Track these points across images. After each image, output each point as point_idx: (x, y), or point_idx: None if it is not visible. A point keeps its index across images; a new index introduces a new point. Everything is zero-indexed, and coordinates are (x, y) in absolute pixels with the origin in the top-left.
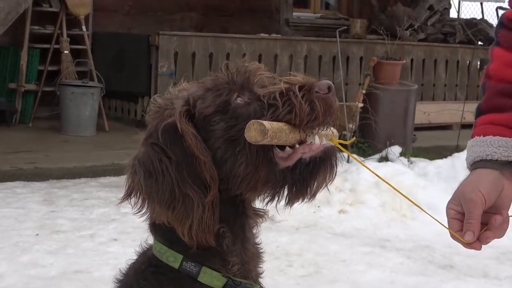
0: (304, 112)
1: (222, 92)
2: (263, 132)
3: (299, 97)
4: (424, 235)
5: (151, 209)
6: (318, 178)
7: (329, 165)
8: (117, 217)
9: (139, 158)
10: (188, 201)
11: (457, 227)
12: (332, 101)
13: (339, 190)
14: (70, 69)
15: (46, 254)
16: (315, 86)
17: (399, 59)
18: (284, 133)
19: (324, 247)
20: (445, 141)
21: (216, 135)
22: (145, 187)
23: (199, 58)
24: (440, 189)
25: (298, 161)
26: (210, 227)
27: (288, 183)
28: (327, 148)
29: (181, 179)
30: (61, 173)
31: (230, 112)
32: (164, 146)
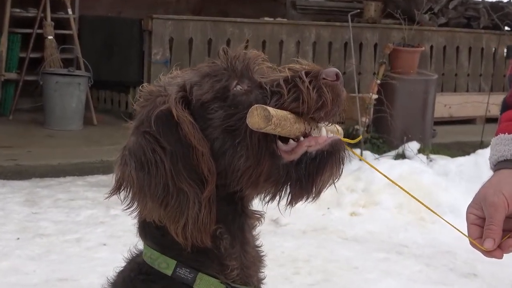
0: (312, 99)
1: (221, 78)
2: (267, 118)
3: (306, 83)
4: (445, 240)
5: (142, 205)
6: (324, 174)
7: (337, 160)
8: (106, 219)
9: (129, 148)
10: (183, 197)
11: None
12: (340, 89)
13: (351, 190)
14: (55, 56)
15: (28, 260)
16: (322, 73)
17: (418, 46)
18: (289, 122)
19: (334, 253)
20: (468, 136)
21: (214, 124)
22: (137, 180)
23: (197, 44)
24: (462, 190)
25: (303, 155)
26: (207, 226)
27: (292, 179)
28: (334, 141)
29: (175, 172)
30: (45, 171)
31: (229, 100)
32: (158, 135)
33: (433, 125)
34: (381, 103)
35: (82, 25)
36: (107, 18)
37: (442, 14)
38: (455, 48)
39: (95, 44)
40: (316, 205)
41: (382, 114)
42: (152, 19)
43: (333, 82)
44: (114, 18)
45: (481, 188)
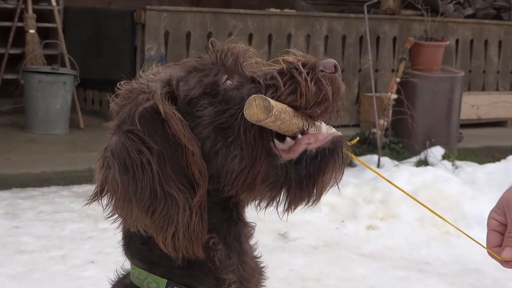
0: (311, 92)
1: (209, 72)
2: (267, 108)
3: (304, 74)
4: (472, 256)
5: (127, 212)
6: (327, 173)
7: (340, 158)
8: (94, 234)
9: (111, 149)
10: (172, 203)
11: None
12: (339, 82)
13: (367, 202)
14: (37, 52)
15: (8, 279)
16: (319, 64)
17: (442, 40)
18: (288, 115)
19: (348, 271)
20: (498, 140)
21: (204, 121)
22: (121, 184)
23: (195, 39)
24: (492, 200)
25: (302, 153)
26: (198, 235)
27: (292, 180)
28: (336, 138)
29: (163, 175)
30: (26, 180)
31: (220, 95)
32: (143, 135)
33: (459, 128)
34: (401, 104)
35: (67, 18)
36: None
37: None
38: (483, 42)
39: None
40: (329, 217)
41: (402, 116)
42: (146, 10)
43: (332, 74)
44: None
45: (505, 193)
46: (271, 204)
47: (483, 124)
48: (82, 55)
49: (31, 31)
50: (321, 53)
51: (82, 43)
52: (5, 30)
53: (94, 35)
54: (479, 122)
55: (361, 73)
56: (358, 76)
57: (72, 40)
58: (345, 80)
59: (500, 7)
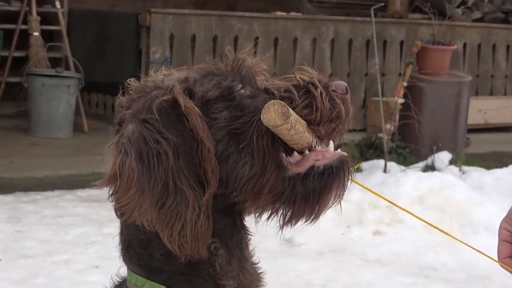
0: (326, 108)
1: (225, 78)
2: (285, 114)
3: (320, 88)
4: (479, 263)
5: (137, 202)
6: (332, 191)
7: (344, 178)
8: (99, 238)
9: (128, 136)
10: (181, 199)
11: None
12: (349, 105)
13: (373, 207)
14: (41, 55)
15: (11, 284)
16: (332, 84)
17: (449, 44)
18: (302, 127)
19: (354, 277)
20: (506, 146)
21: (219, 124)
22: (137, 173)
23: (200, 42)
24: (499, 206)
25: (310, 168)
26: (204, 234)
27: (298, 194)
28: (343, 157)
29: (177, 169)
30: (29, 184)
31: (236, 100)
32: (159, 125)
33: (467, 133)
34: (408, 108)
35: (71, 20)
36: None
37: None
38: (491, 46)
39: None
40: (335, 222)
41: (409, 120)
42: (150, 13)
43: (344, 95)
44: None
45: None
46: (272, 216)
47: (490, 129)
48: (86, 58)
49: (35, 33)
50: (328, 57)
51: (86, 46)
52: (9, 33)
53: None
54: (487, 127)
55: (368, 77)
56: (365, 80)
57: (76, 43)
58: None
59: (508, 11)
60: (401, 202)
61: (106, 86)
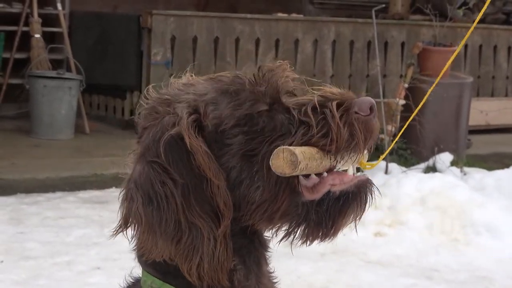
0: (343, 139)
1: (244, 100)
2: (294, 163)
3: (336, 118)
4: (481, 263)
5: (152, 244)
6: (347, 216)
7: (362, 202)
8: (100, 240)
9: (135, 180)
10: (197, 233)
11: None
12: (373, 125)
13: (375, 208)
14: (42, 57)
15: (12, 285)
16: (355, 104)
17: (450, 45)
18: (316, 162)
19: (356, 278)
20: (508, 147)
21: (232, 150)
22: (145, 217)
23: (202, 43)
24: (501, 207)
25: (326, 194)
26: (224, 264)
27: (311, 220)
28: (361, 182)
29: (187, 206)
30: (31, 186)
31: (252, 123)
32: (167, 165)
33: (468, 134)
34: (409, 110)
35: (73, 22)
36: (101, 14)
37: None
38: (493, 47)
39: (87, 43)
40: None
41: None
42: (152, 15)
43: (367, 117)
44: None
45: None
46: (287, 237)
47: (492, 130)
48: (88, 60)
49: (37, 35)
50: (329, 59)
51: (87, 48)
52: (11, 35)
53: (99, 40)
54: (488, 128)
55: (369, 79)
56: (366, 81)
57: (77, 44)
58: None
59: (509, 12)
60: (402, 203)
61: (108, 88)
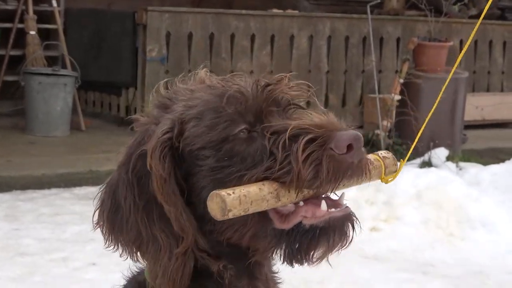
0: (303, 179)
1: (224, 120)
2: (223, 211)
3: (299, 157)
4: (476, 258)
5: (118, 246)
6: (317, 249)
7: (337, 236)
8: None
9: (110, 186)
10: (157, 245)
11: None
12: (348, 165)
13: (370, 203)
14: (38, 53)
15: (8, 282)
16: (333, 140)
17: (445, 41)
18: (267, 203)
19: (351, 274)
20: (503, 142)
21: (203, 172)
22: (108, 223)
23: (197, 40)
24: (496, 202)
25: (296, 225)
26: (175, 282)
27: (281, 248)
28: (333, 219)
29: (149, 221)
30: (27, 183)
31: (224, 149)
32: (134, 180)
33: (463, 129)
34: (405, 105)
35: (68, 19)
36: (96, 11)
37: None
38: (488, 42)
39: (82, 40)
40: None
41: (406, 117)
42: (147, 11)
43: (341, 156)
44: (103, 10)
45: None
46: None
47: (487, 125)
48: (83, 57)
49: (32, 32)
50: (324, 54)
51: (83, 45)
52: (6, 32)
53: (95, 37)
54: (484, 123)
55: (364, 74)
56: (361, 77)
57: (73, 41)
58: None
59: (504, 7)
60: (398, 199)
61: (103, 85)
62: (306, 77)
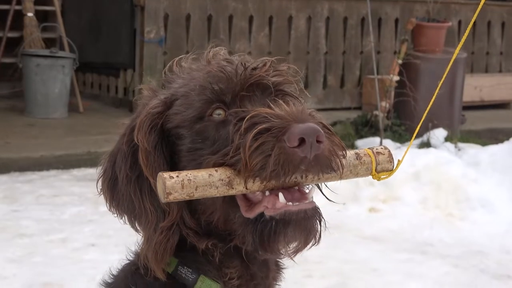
0: (249, 170)
1: (199, 98)
2: (163, 193)
3: (247, 150)
4: (475, 238)
5: (118, 214)
6: (278, 241)
7: (291, 230)
8: (95, 217)
9: (111, 155)
10: (146, 217)
11: None
12: (299, 158)
13: (369, 184)
14: (35, 35)
15: (8, 263)
16: (287, 133)
17: (444, 21)
18: (217, 190)
19: (350, 254)
20: (501, 122)
21: (182, 152)
22: (108, 193)
23: (195, 21)
24: (495, 182)
25: (260, 215)
26: (158, 255)
27: (248, 236)
28: (289, 213)
29: (141, 193)
30: (25, 164)
31: (198, 129)
32: (129, 152)
33: (462, 110)
34: (403, 86)
35: (66, 1)
36: None
37: None
38: (487, 23)
39: (80, 21)
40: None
41: (404, 98)
42: None
43: (291, 150)
44: None
45: None
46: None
47: (486, 106)
48: (81, 38)
49: (29, 14)
50: (323, 36)
51: (80, 26)
52: (3, 13)
53: (93, 18)
54: (482, 104)
55: (363, 55)
56: (360, 58)
57: (70, 23)
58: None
59: None
60: (396, 179)
61: (101, 66)
62: (304, 58)
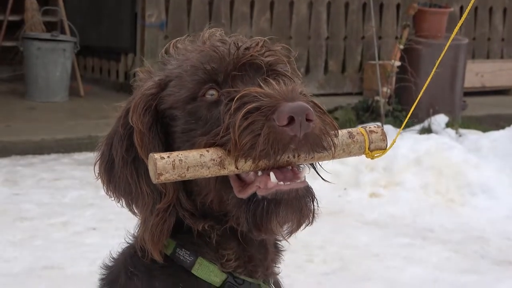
0: (238, 149)
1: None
2: (155, 174)
3: (236, 129)
4: (476, 224)
5: (115, 198)
6: (271, 221)
7: (284, 210)
8: (96, 201)
9: (108, 138)
10: (143, 199)
11: None
12: (289, 136)
13: (370, 169)
14: (36, 19)
15: (8, 246)
16: (276, 112)
17: (446, 7)
18: (208, 170)
19: (352, 238)
20: (502, 108)
21: (176, 133)
22: (105, 176)
23: (196, 5)
24: (496, 168)
25: (252, 195)
26: (155, 238)
27: (242, 215)
28: (280, 192)
29: (137, 176)
30: (26, 148)
31: (191, 110)
32: (125, 134)
33: (463, 96)
34: (405, 71)
35: None
36: None
37: None
38: (488, 9)
39: (81, 5)
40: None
41: (406, 83)
42: None
43: (280, 129)
44: None
45: None
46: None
47: (487, 92)
48: (82, 22)
49: None
50: (324, 21)
51: (81, 10)
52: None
53: (94, 2)
54: (484, 90)
55: (364, 41)
56: (361, 43)
57: (71, 6)
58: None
59: None
60: (397, 164)
61: (102, 50)
62: (305, 43)
